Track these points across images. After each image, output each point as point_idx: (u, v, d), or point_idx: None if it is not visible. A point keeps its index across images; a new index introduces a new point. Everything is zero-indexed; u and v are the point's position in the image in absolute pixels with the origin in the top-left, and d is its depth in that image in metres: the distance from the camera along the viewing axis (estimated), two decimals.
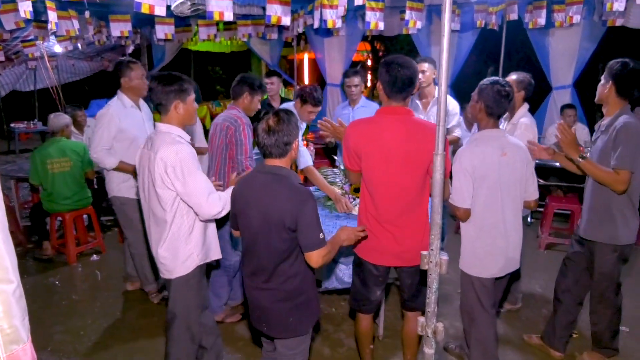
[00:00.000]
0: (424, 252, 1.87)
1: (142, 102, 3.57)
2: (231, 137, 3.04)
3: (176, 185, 2.17)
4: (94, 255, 4.69)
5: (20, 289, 0.96)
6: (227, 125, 3.05)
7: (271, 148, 2.01)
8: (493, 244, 2.43)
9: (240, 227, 2.13)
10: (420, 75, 3.57)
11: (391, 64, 2.25)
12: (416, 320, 2.47)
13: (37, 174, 4.36)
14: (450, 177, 2.44)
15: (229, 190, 2.33)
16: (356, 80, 4.12)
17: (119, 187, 3.48)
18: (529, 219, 5.54)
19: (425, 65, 3.71)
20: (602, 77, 2.66)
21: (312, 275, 2.15)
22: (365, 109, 4.37)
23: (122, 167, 3.40)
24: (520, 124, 3.24)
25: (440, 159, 1.77)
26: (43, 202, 4.46)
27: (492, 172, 2.35)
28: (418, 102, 3.89)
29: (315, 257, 1.97)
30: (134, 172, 3.28)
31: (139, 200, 3.39)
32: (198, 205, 2.21)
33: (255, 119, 2.34)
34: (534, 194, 2.52)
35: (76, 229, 4.69)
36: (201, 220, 2.32)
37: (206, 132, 3.91)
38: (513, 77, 3.28)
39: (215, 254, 2.48)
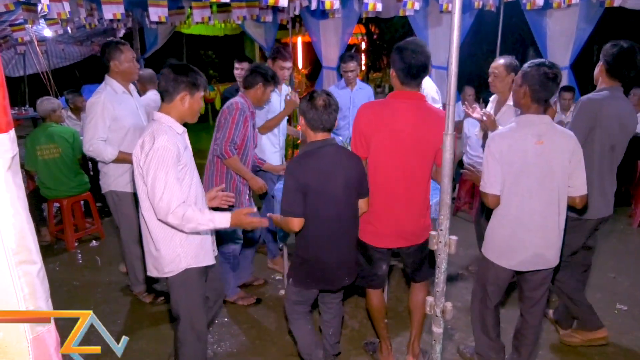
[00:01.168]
0: (433, 232, 1.88)
1: (132, 88, 3.34)
2: (222, 118, 3.01)
3: (146, 178, 2.03)
4: (93, 241, 4.67)
5: (44, 270, 0.95)
6: (224, 108, 3.05)
7: (329, 123, 2.26)
8: (513, 235, 2.31)
9: (319, 203, 2.23)
10: None
11: (404, 50, 2.26)
12: (422, 289, 2.63)
13: (30, 161, 4.32)
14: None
15: (219, 216, 2.11)
16: (352, 65, 4.35)
17: (116, 181, 3.24)
18: None
19: None
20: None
21: None
22: (363, 90, 4.56)
23: (122, 158, 3.12)
24: None
25: (449, 138, 1.78)
26: (41, 189, 4.41)
27: (519, 158, 2.22)
28: None
29: (367, 201, 2.40)
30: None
31: (135, 195, 3.25)
32: (154, 203, 2.01)
33: None
34: (580, 189, 2.27)
35: (74, 215, 4.65)
36: (159, 219, 2.08)
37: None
38: (501, 61, 3.25)
39: (207, 260, 2.29)
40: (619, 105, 2.59)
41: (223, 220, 2.11)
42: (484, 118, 2.89)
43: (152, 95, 4.33)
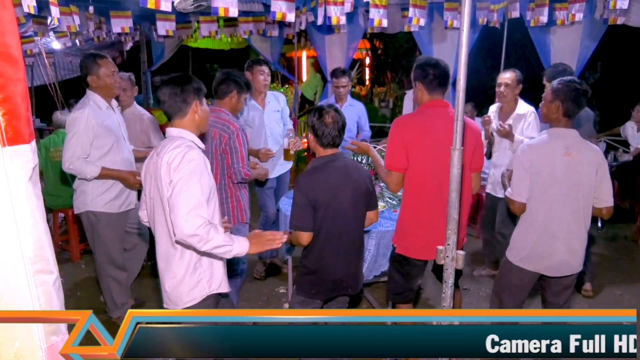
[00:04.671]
0: (440, 247, 1.88)
1: (114, 103, 3.16)
2: (225, 145, 2.89)
3: (171, 188, 1.88)
4: None
5: (59, 280, 0.96)
6: (220, 133, 2.89)
7: (339, 139, 2.34)
8: (539, 241, 2.39)
9: (327, 217, 2.29)
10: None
11: (425, 64, 2.48)
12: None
13: (40, 169, 4.33)
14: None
15: (238, 240, 1.97)
16: (344, 80, 4.23)
17: (94, 201, 3.02)
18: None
19: None
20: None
21: None
22: (353, 107, 4.44)
23: (106, 174, 2.93)
24: (531, 113, 3.49)
25: (457, 154, 1.79)
26: (46, 199, 4.41)
27: (547, 169, 2.33)
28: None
29: (377, 212, 2.50)
30: (120, 178, 3.00)
31: (114, 215, 3.08)
32: (175, 218, 1.85)
33: None
34: (605, 201, 2.37)
35: (79, 225, 4.65)
36: (176, 241, 1.95)
37: None
38: (510, 74, 3.58)
39: (224, 287, 2.16)
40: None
41: (244, 246, 1.97)
42: (502, 128, 3.14)
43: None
